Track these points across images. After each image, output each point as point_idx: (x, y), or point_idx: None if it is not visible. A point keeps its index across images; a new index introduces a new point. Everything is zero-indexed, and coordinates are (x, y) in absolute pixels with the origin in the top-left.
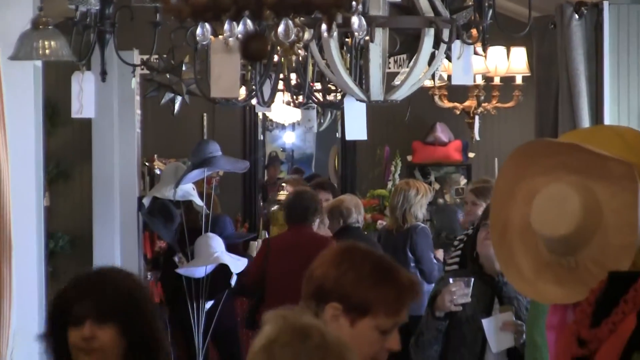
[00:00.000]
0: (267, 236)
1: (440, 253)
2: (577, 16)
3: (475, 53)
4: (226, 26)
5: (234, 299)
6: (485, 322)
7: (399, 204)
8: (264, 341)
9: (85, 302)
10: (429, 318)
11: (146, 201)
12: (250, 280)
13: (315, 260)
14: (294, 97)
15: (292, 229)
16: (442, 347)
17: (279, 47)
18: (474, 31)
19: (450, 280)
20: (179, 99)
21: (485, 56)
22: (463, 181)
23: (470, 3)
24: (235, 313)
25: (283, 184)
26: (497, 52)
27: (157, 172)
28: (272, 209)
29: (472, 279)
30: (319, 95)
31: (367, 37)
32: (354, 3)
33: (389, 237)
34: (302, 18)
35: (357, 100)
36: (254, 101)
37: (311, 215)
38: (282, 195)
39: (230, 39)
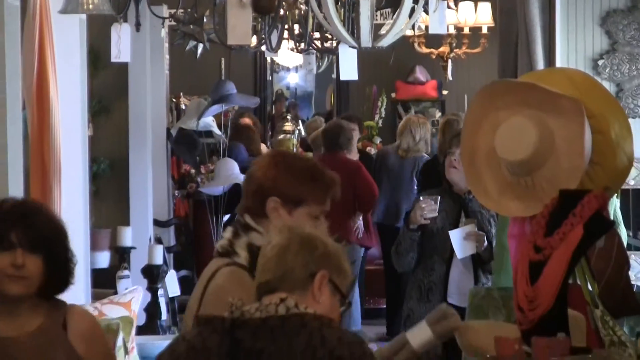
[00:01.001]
0: None
1: None
2: None
3: (448, 7)
4: None
5: None
6: (452, 233)
7: (421, 135)
8: (277, 249)
9: (18, 230)
10: (405, 230)
11: (173, 131)
12: None
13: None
14: (297, 44)
15: (328, 154)
16: (417, 254)
17: (284, 2)
18: None
19: (421, 199)
20: (200, 46)
21: (457, 10)
22: (438, 114)
23: None
24: None
25: (288, 116)
26: (466, 6)
27: (183, 107)
28: (279, 137)
29: (439, 197)
30: (318, 43)
31: None
32: None
33: (397, 162)
34: None
35: (349, 46)
36: (263, 48)
37: (345, 143)
38: (287, 126)
39: None
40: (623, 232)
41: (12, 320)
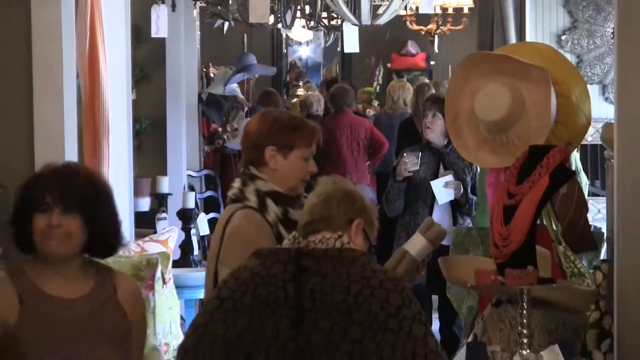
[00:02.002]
0: None
1: None
2: None
3: None
4: None
5: None
6: (433, 183)
7: (398, 96)
8: (324, 196)
9: (54, 192)
10: (392, 181)
11: (203, 96)
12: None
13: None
14: (308, 22)
15: (340, 112)
16: (404, 201)
17: None
18: None
19: (405, 155)
20: (226, 24)
21: None
22: (426, 81)
23: None
24: None
25: (300, 83)
26: None
27: (211, 75)
28: (292, 101)
29: (420, 153)
30: (325, 21)
31: None
32: None
33: (387, 119)
34: None
35: (352, 24)
36: (279, 25)
37: (351, 102)
38: (299, 91)
39: None
40: (583, 181)
41: (65, 283)
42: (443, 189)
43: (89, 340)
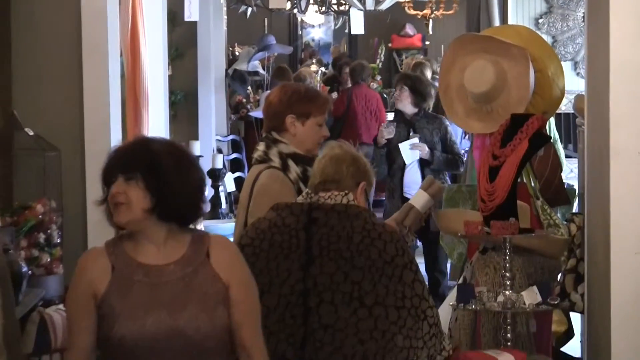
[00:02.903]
0: None
1: None
2: None
3: None
4: None
5: None
6: (400, 145)
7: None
8: (335, 160)
9: (119, 163)
10: (375, 149)
11: (230, 71)
12: (336, 116)
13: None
14: (320, 7)
15: (357, 85)
16: (387, 165)
17: None
18: None
19: (383, 126)
20: (249, 9)
21: None
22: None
23: None
24: None
25: (313, 60)
26: None
27: (237, 53)
28: None
29: (395, 123)
30: (335, 6)
31: None
32: None
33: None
34: None
35: (358, 9)
36: (295, 10)
37: (367, 77)
38: (313, 67)
39: None
40: (558, 145)
41: (158, 251)
42: (409, 151)
43: (178, 304)
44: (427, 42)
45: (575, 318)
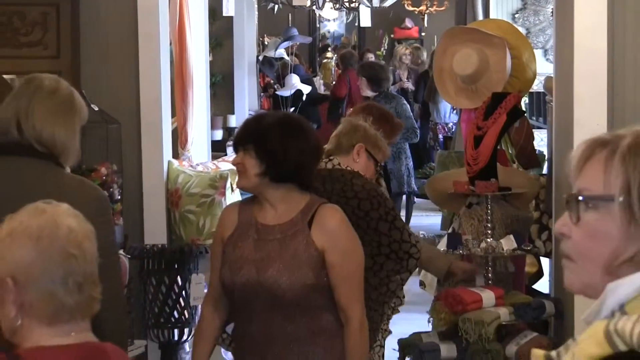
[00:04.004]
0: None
1: None
2: None
3: None
4: None
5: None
6: None
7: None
8: (337, 132)
9: (238, 136)
10: None
11: (260, 57)
12: (337, 96)
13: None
14: (334, 4)
15: (349, 69)
16: None
17: None
18: None
19: None
20: (276, 6)
21: None
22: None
23: None
24: (318, 114)
25: (329, 49)
26: None
27: (266, 42)
28: (323, 61)
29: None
30: (347, 4)
31: None
32: None
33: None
34: None
35: (365, 6)
36: (314, 7)
37: (354, 62)
38: (329, 54)
39: None
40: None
41: (276, 213)
42: None
43: (267, 262)
44: (423, 34)
45: (545, 261)
